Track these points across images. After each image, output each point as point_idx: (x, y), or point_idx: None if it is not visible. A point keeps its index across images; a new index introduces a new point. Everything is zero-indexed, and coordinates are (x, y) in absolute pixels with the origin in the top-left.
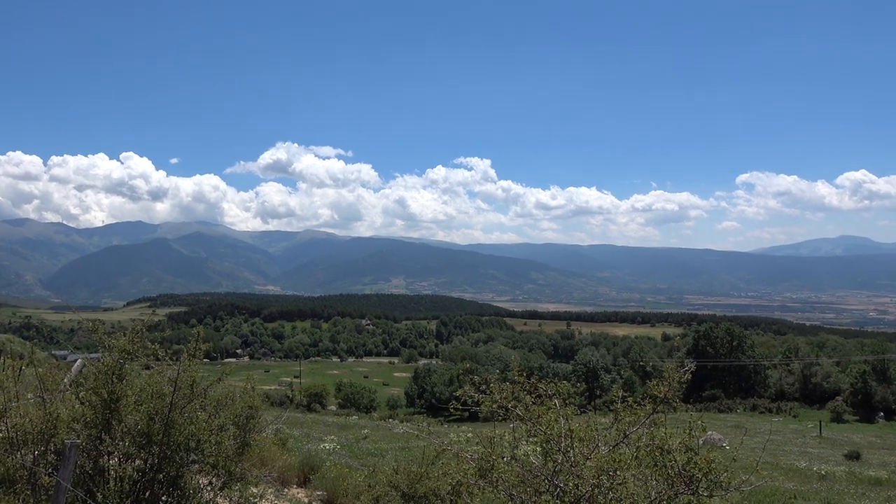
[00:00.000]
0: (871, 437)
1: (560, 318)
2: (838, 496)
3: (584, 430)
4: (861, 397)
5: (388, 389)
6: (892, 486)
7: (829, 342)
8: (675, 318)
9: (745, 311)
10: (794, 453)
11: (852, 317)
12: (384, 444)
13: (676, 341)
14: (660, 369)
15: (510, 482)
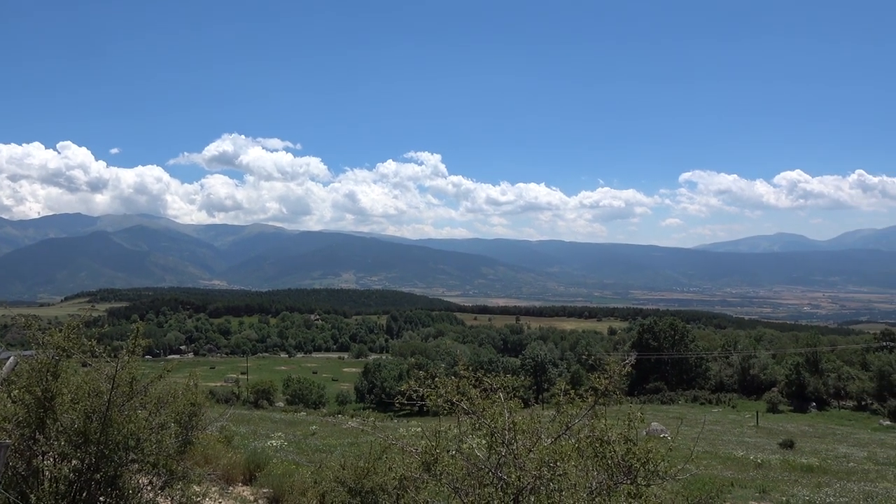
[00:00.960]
0: (804, 426)
1: (510, 312)
2: (773, 483)
3: (528, 422)
4: (795, 388)
5: (337, 385)
6: (823, 472)
7: (765, 335)
8: (621, 313)
9: (687, 305)
10: (733, 443)
11: (788, 311)
12: (333, 440)
13: (622, 335)
14: (602, 363)
15: (455, 475)
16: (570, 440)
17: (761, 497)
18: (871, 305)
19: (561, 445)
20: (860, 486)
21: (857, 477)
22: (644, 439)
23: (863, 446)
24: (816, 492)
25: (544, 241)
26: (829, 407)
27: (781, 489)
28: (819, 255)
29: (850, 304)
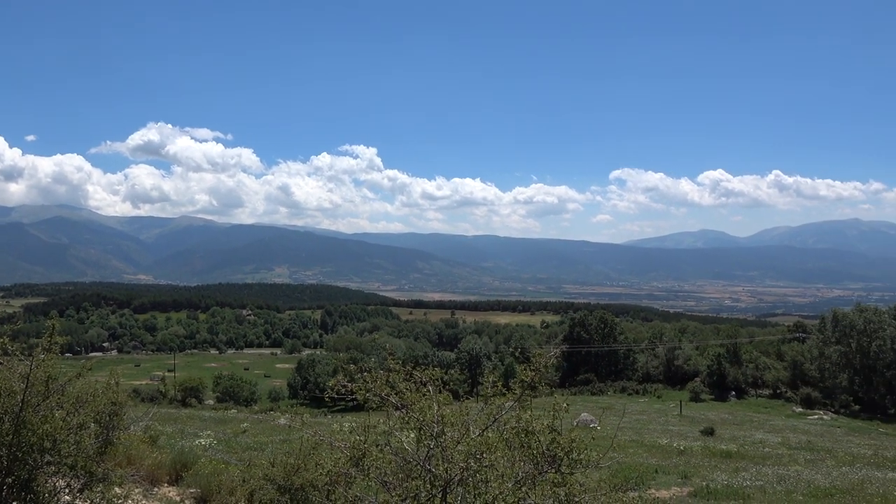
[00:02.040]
0: (724, 413)
1: (445, 307)
2: (694, 469)
3: (457, 415)
4: (716, 378)
5: (269, 381)
6: (741, 457)
7: (689, 328)
8: (554, 307)
9: (616, 299)
10: (658, 431)
11: (710, 304)
12: (264, 437)
13: (554, 328)
14: (529, 355)
15: (383, 469)
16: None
17: (683, 482)
18: (786, 299)
19: (488, 437)
20: (774, 469)
21: (772, 461)
22: (569, 429)
23: (777, 432)
24: (734, 476)
25: (479, 235)
26: (747, 395)
27: (702, 474)
28: (739, 251)
29: (767, 298)
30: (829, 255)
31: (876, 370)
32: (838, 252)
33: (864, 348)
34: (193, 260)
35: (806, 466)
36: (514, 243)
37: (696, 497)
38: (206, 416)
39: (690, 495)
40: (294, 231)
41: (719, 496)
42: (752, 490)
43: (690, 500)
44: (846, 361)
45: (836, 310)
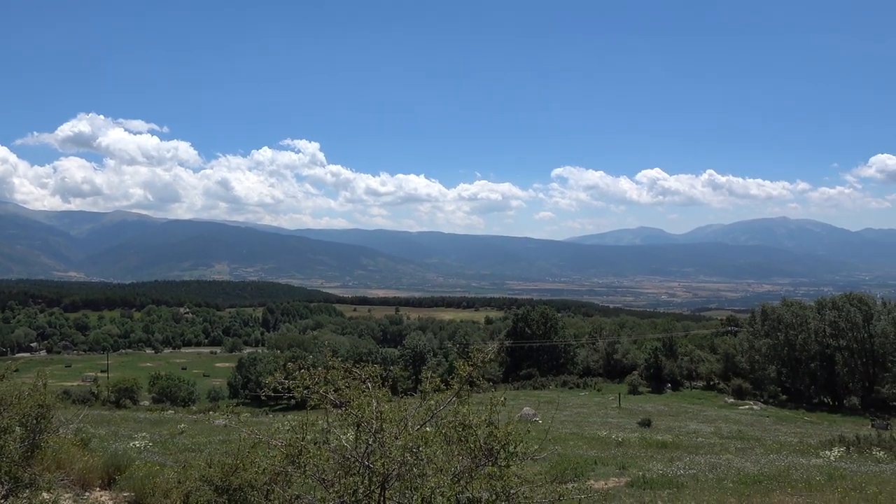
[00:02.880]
0: (660, 405)
1: (389, 303)
2: (631, 459)
3: (396, 411)
4: (653, 371)
5: (209, 381)
6: (675, 447)
7: (628, 322)
8: (497, 303)
9: (558, 295)
10: (597, 423)
11: (648, 299)
12: (203, 438)
13: (498, 324)
14: (468, 351)
15: (321, 467)
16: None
17: (621, 473)
18: (719, 294)
19: (426, 432)
20: (706, 458)
21: (705, 450)
22: (506, 423)
23: (710, 422)
24: (669, 465)
25: (424, 232)
26: (682, 387)
27: (639, 465)
28: (675, 248)
29: (701, 293)
30: (759, 252)
31: (801, 362)
32: (768, 249)
33: (791, 341)
34: (128, 256)
35: (737, 455)
36: (458, 240)
37: (633, 487)
38: (142, 417)
39: (627, 485)
40: (234, 227)
41: (654, 485)
42: (685, 479)
43: (627, 490)
44: (774, 354)
45: (764, 304)
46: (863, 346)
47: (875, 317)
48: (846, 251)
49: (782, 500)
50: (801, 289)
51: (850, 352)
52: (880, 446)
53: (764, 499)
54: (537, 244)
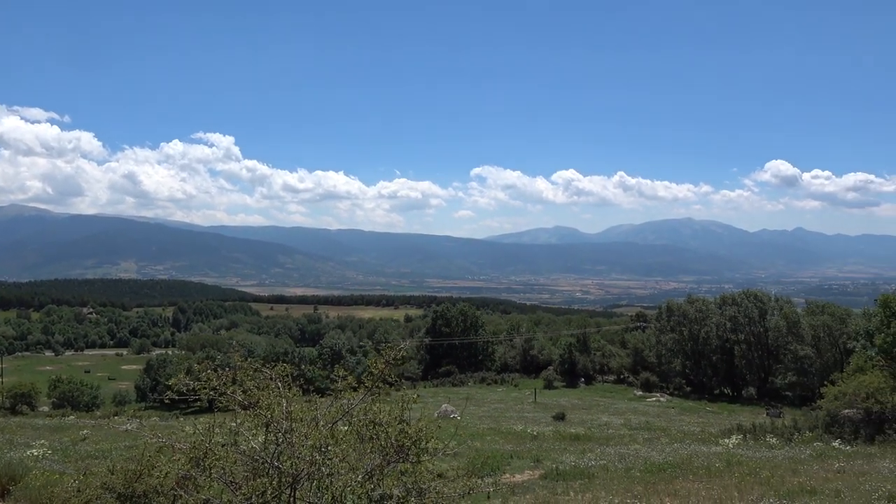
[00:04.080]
0: (574, 399)
1: (308, 302)
2: (546, 452)
3: (306, 410)
4: (568, 366)
5: (115, 384)
6: (587, 439)
7: (544, 319)
8: (417, 301)
9: (477, 292)
10: (514, 418)
11: (563, 297)
12: (107, 444)
13: (417, 322)
14: (379, 349)
15: (228, 469)
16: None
17: (535, 466)
18: (629, 291)
19: (338, 430)
20: (616, 449)
21: (615, 441)
22: (417, 420)
23: (620, 414)
24: (581, 457)
25: (343, 230)
26: (595, 381)
27: (553, 457)
28: (589, 247)
29: (613, 290)
30: (667, 251)
31: (704, 355)
32: (674, 248)
33: (695, 335)
34: (24, 253)
35: (644, 445)
36: (378, 237)
37: (547, 479)
38: (40, 424)
39: (541, 477)
40: (143, 223)
41: (567, 477)
42: (596, 469)
43: (541, 483)
44: (679, 348)
45: (670, 301)
46: (759, 340)
47: (769, 312)
48: (745, 251)
49: (685, 487)
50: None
51: (748, 345)
52: (773, 433)
53: (668, 486)
54: (457, 242)
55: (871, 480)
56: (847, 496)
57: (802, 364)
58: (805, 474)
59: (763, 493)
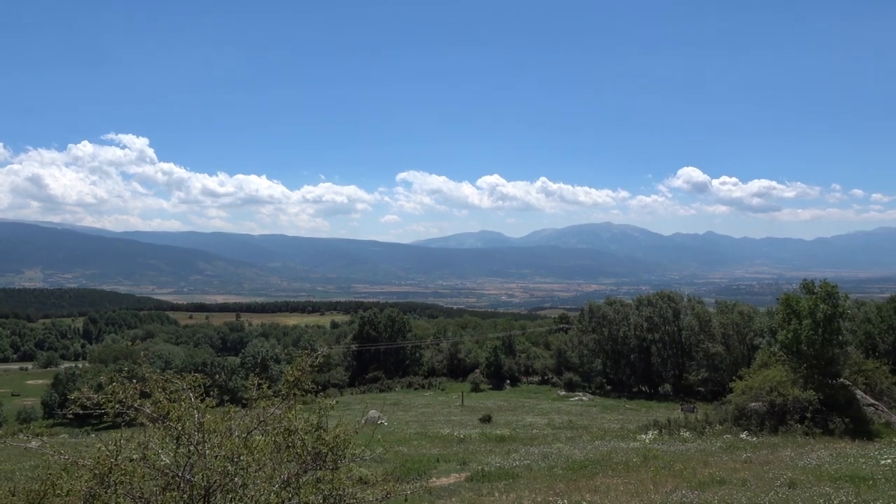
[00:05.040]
0: (500, 401)
1: (229, 309)
2: (472, 454)
3: (219, 421)
4: (494, 368)
5: (19, 400)
6: (512, 440)
7: (470, 323)
8: (344, 306)
9: (404, 297)
10: (441, 422)
11: (489, 300)
12: (10, 464)
13: (344, 328)
14: (294, 357)
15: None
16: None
17: (462, 468)
18: (553, 294)
19: (253, 440)
20: (540, 448)
21: (539, 441)
22: (335, 426)
23: (544, 415)
24: (506, 458)
25: (267, 235)
26: (520, 383)
27: (479, 459)
28: (514, 251)
29: (537, 293)
30: (588, 255)
31: (623, 354)
32: (595, 252)
33: (614, 335)
34: None
35: (566, 443)
36: (302, 243)
37: (472, 481)
38: None
39: (467, 479)
40: (49, 228)
41: (492, 478)
42: (520, 469)
43: (467, 485)
44: (600, 348)
45: (591, 303)
46: (673, 339)
47: (683, 312)
48: (660, 253)
49: (604, 482)
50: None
51: (663, 344)
52: (687, 428)
53: (589, 482)
54: (383, 247)
55: (775, 469)
56: (753, 484)
57: (713, 361)
58: (715, 465)
59: (677, 484)
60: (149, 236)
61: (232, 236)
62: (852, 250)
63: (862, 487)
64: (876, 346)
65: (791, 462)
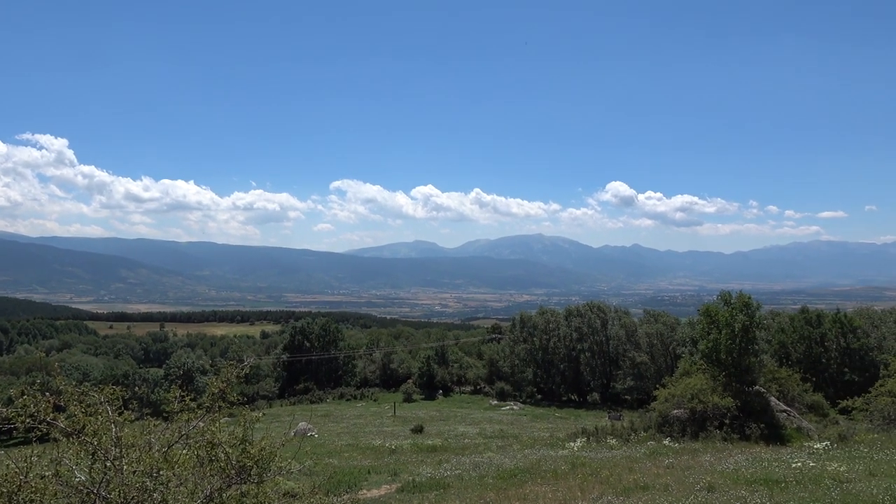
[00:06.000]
0: (432, 411)
1: (153, 319)
2: (403, 465)
3: (138, 435)
4: (426, 378)
5: None
6: (444, 450)
7: (404, 333)
8: (275, 316)
9: (338, 307)
10: (373, 433)
11: (423, 310)
12: None
13: (275, 338)
14: (218, 368)
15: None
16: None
17: (393, 479)
18: (486, 304)
19: (173, 454)
20: (471, 458)
21: (470, 451)
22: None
23: (476, 424)
24: (438, 468)
25: (194, 242)
26: (453, 393)
27: (410, 470)
28: (448, 261)
29: (470, 303)
30: (520, 266)
31: (553, 364)
32: (527, 262)
33: (545, 345)
34: None
35: (497, 452)
36: (232, 251)
37: (403, 492)
38: None
39: (398, 490)
40: None
41: (423, 489)
42: (451, 479)
43: (398, 496)
44: (531, 357)
45: (522, 313)
46: (601, 348)
47: (610, 322)
48: (589, 265)
49: (534, 490)
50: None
51: (592, 353)
52: (613, 435)
53: (518, 490)
54: (316, 256)
55: (695, 473)
56: (674, 489)
57: (639, 369)
58: (640, 471)
59: (603, 491)
60: (67, 242)
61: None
62: (768, 264)
63: (775, 490)
64: (789, 354)
65: (710, 467)
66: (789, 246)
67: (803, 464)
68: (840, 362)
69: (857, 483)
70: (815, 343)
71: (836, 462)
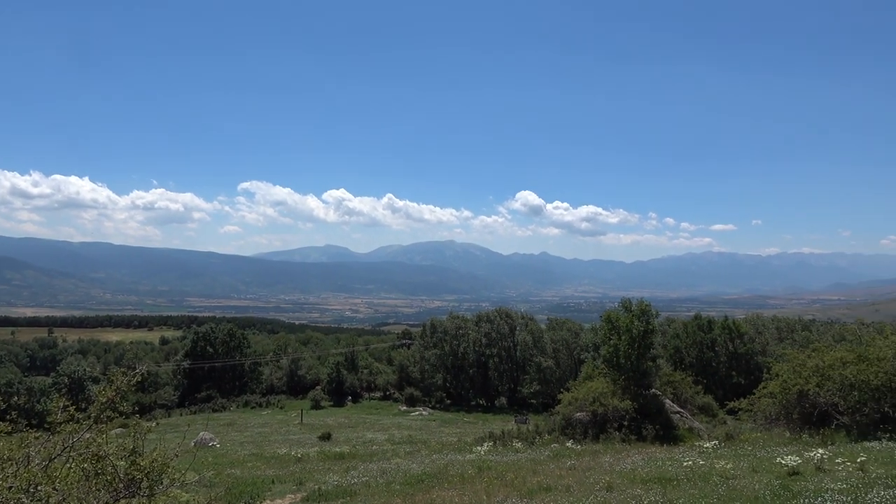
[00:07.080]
0: (341, 418)
1: (41, 324)
2: (309, 474)
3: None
4: (335, 385)
5: None
6: (352, 457)
7: (313, 338)
8: (176, 321)
9: (244, 312)
10: (278, 441)
11: (333, 316)
12: None
13: (175, 344)
14: (108, 376)
15: None
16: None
17: (298, 489)
18: (397, 309)
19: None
20: (379, 464)
21: (378, 457)
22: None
23: (385, 430)
24: (345, 476)
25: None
26: (362, 399)
27: (316, 478)
28: (359, 266)
29: (382, 309)
30: (432, 271)
31: (463, 369)
32: (439, 269)
33: (455, 350)
34: None
35: (405, 458)
36: (131, 252)
37: (308, 501)
38: None
39: (303, 500)
40: None
41: (329, 497)
42: (358, 486)
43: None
44: (441, 363)
45: (434, 319)
46: (509, 353)
47: (518, 328)
48: (499, 272)
49: (440, 495)
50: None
51: (500, 358)
52: (519, 438)
53: (425, 495)
54: (222, 259)
55: (595, 474)
56: (576, 490)
57: (545, 374)
58: (543, 473)
59: (508, 493)
60: None
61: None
62: (665, 273)
63: (668, 488)
64: (683, 358)
65: (610, 467)
66: (684, 256)
67: (694, 462)
68: (728, 366)
69: (742, 479)
70: (706, 348)
71: (724, 460)
